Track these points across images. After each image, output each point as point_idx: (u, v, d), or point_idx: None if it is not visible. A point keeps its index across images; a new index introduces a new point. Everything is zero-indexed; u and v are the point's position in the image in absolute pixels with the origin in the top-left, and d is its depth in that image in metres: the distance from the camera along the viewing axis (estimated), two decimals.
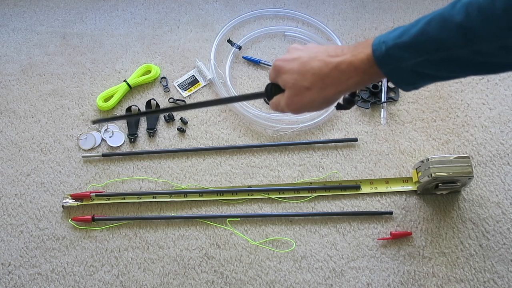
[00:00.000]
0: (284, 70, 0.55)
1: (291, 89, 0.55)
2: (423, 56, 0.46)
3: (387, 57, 0.47)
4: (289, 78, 0.54)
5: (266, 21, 1.07)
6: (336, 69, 0.51)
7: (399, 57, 0.47)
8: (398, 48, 0.46)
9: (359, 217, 0.84)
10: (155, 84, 1.01)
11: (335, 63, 0.51)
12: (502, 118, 0.91)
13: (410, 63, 0.47)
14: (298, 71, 0.53)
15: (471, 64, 0.45)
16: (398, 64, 0.47)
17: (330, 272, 0.80)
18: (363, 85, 0.52)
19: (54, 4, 1.14)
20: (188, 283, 0.81)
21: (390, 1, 1.08)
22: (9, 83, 1.03)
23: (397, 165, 0.88)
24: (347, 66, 0.50)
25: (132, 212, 0.88)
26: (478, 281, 0.78)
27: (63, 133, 0.96)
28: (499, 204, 0.83)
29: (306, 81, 0.53)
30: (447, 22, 0.43)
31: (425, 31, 0.45)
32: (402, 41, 0.46)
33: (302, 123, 0.92)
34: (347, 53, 0.51)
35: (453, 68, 0.46)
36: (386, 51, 0.47)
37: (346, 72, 0.50)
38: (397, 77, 0.49)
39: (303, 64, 0.53)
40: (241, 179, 0.89)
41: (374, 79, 0.51)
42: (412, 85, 0.51)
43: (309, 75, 0.52)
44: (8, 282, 0.82)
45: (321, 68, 0.52)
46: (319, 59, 0.52)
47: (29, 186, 0.91)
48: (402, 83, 0.50)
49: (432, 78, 0.49)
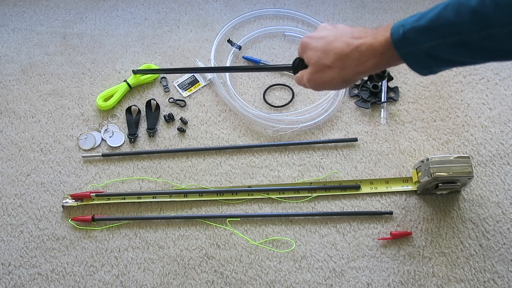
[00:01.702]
0: (310, 47, 0.58)
1: (313, 66, 0.57)
2: (438, 40, 0.47)
3: (404, 40, 0.49)
4: (313, 55, 0.57)
5: (266, 21, 1.07)
6: (356, 50, 0.53)
7: (415, 40, 0.48)
8: (415, 31, 0.48)
9: (359, 217, 0.84)
10: (155, 84, 1.01)
11: (356, 45, 0.53)
12: (502, 118, 0.91)
13: (425, 46, 0.48)
14: (322, 49, 0.56)
15: (483, 49, 0.46)
16: (414, 47, 0.49)
17: (330, 272, 0.80)
18: (381, 67, 0.54)
19: (54, 4, 1.14)
20: (188, 283, 0.81)
21: (390, 1, 1.08)
22: (9, 83, 1.03)
23: (397, 165, 0.88)
24: (367, 48, 0.52)
25: (132, 212, 0.88)
26: (478, 281, 0.78)
27: (63, 133, 0.96)
28: (499, 204, 0.83)
29: (328, 60, 0.55)
30: (462, 7, 0.44)
31: (441, 15, 0.46)
32: (419, 25, 0.47)
33: (302, 123, 0.92)
34: (369, 35, 0.52)
35: (467, 52, 0.47)
36: (403, 34, 0.49)
37: (365, 54, 0.52)
38: (413, 60, 0.50)
39: (328, 43, 0.55)
40: (241, 179, 0.89)
41: (391, 62, 0.52)
42: (428, 69, 0.52)
43: (331, 54, 0.55)
44: (8, 282, 0.82)
45: (342, 48, 0.54)
46: (342, 40, 0.54)
47: (29, 186, 0.91)
48: (418, 66, 0.51)
49: (447, 63, 0.50)
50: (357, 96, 0.95)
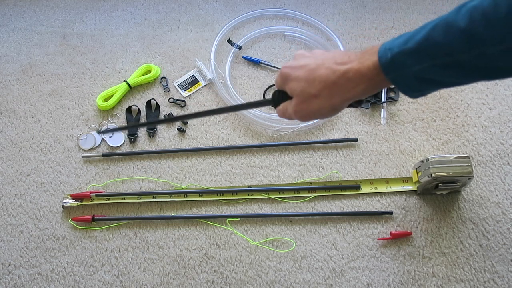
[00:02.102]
0: (292, 77, 0.55)
1: (298, 97, 0.54)
2: (428, 62, 0.45)
3: (393, 64, 0.47)
4: (296, 86, 0.54)
5: (266, 21, 1.07)
6: (343, 76, 0.50)
7: (404, 64, 0.47)
8: (404, 54, 0.46)
9: (359, 217, 0.84)
10: (155, 84, 1.01)
11: (342, 71, 0.50)
12: (502, 118, 0.91)
13: (415, 69, 0.46)
14: (306, 79, 0.53)
15: (475, 68, 0.45)
16: (404, 71, 0.47)
17: (330, 272, 0.80)
18: (370, 92, 0.52)
19: (54, 4, 1.14)
20: (188, 283, 0.81)
21: (390, 1, 1.08)
22: (9, 83, 1.03)
23: (397, 165, 0.88)
24: (354, 73, 0.50)
25: (132, 212, 0.88)
26: (478, 281, 0.78)
27: (63, 133, 0.96)
28: (499, 204, 0.83)
29: (314, 89, 0.52)
30: (451, 28, 0.43)
31: (430, 37, 0.45)
32: (407, 47, 0.46)
33: (302, 123, 0.92)
34: (354, 60, 0.50)
35: (458, 73, 0.46)
36: (391, 58, 0.47)
37: (353, 80, 0.50)
38: (403, 84, 0.49)
39: (311, 71, 0.53)
40: (241, 179, 0.89)
41: (381, 86, 0.51)
42: (419, 92, 0.50)
43: (316, 82, 0.52)
44: (8, 282, 0.82)
45: (328, 75, 0.51)
46: (326, 66, 0.52)
47: (29, 186, 0.91)
48: (409, 90, 0.50)
49: (438, 84, 0.49)
50: None
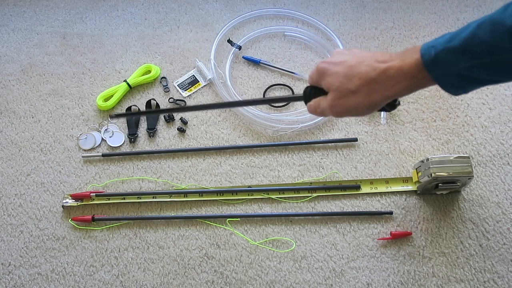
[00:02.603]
0: (330, 72, 0.54)
1: (335, 92, 0.54)
2: (473, 60, 0.45)
3: (437, 62, 0.47)
4: (335, 81, 0.54)
5: (266, 21, 1.07)
6: (384, 73, 0.50)
7: (448, 61, 0.47)
8: (448, 52, 0.46)
9: (359, 217, 0.84)
10: (155, 84, 1.01)
11: (383, 68, 0.50)
12: (502, 118, 0.91)
13: (460, 67, 0.46)
14: (344, 74, 0.53)
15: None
16: (448, 69, 0.47)
17: (330, 272, 0.80)
18: (411, 91, 0.52)
19: (54, 4, 1.14)
20: (188, 283, 0.81)
21: (390, 1, 1.08)
22: (9, 83, 1.03)
23: (397, 165, 0.88)
24: (396, 71, 0.50)
25: (132, 212, 0.88)
26: (478, 281, 0.78)
27: (63, 133, 0.96)
28: (499, 204, 0.83)
29: (352, 85, 0.52)
30: (498, 26, 0.43)
31: (475, 35, 0.45)
32: (452, 45, 0.46)
33: (302, 123, 0.92)
34: (396, 58, 0.50)
35: (503, 72, 0.46)
36: (435, 56, 0.47)
37: (394, 77, 0.50)
38: (446, 82, 0.49)
39: (350, 67, 0.53)
40: (241, 179, 0.89)
41: (422, 84, 0.51)
42: (462, 89, 0.51)
43: (356, 79, 0.52)
44: (8, 282, 0.82)
45: (368, 72, 0.51)
46: (366, 63, 0.52)
47: (29, 186, 0.91)
48: (451, 87, 0.50)
49: (481, 82, 0.49)
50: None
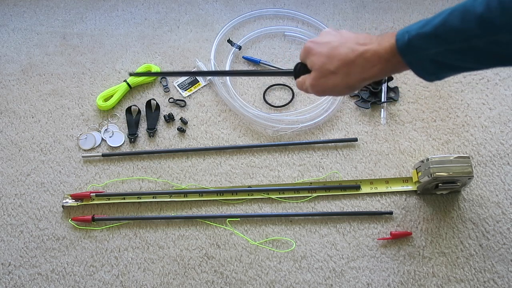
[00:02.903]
0: (314, 52, 0.57)
1: (317, 71, 0.57)
2: (444, 46, 0.47)
3: (410, 47, 0.49)
4: (317, 60, 0.57)
5: (266, 21, 1.07)
6: (361, 56, 0.53)
7: (420, 47, 0.48)
8: (420, 37, 0.48)
9: (359, 217, 0.84)
10: (155, 84, 1.01)
11: (361, 51, 0.53)
12: (502, 118, 0.91)
13: (431, 52, 0.48)
14: (327, 55, 0.56)
15: (489, 55, 0.46)
16: (420, 54, 0.49)
17: (330, 272, 0.80)
18: (386, 74, 0.54)
19: (54, 4, 1.14)
20: (188, 283, 0.81)
21: (390, 1, 1.08)
22: (9, 83, 1.03)
23: (397, 165, 0.88)
24: (372, 54, 0.52)
25: (132, 212, 0.88)
26: (478, 281, 0.78)
27: (63, 133, 0.96)
28: (499, 204, 0.83)
29: (332, 65, 0.55)
30: (468, 13, 0.44)
31: (447, 22, 0.46)
32: (424, 31, 0.48)
33: (302, 123, 0.92)
34: (374, 42, 0.53)
35: (473, 58, 0.47)
36: (408, 41, 0.49)
37: (370, 60, 0.52)
38: (418, 67, 0.51)
39: (332, 48, 0.55)
40: (241, 179, 0.89)
41: (397, 68, 0.52)
42: (434, 75, 0.52)
43: (335, 60, 0.55)
44: (8, 282, 0.82)
45: (347, 54, 0.54)
46: (347, 46, 0.54)
47: (29, 186, 0.91)
48: (424, 72, 0.51)
49: (453, 69, 0.51)
50: (357, 96, 0.95)
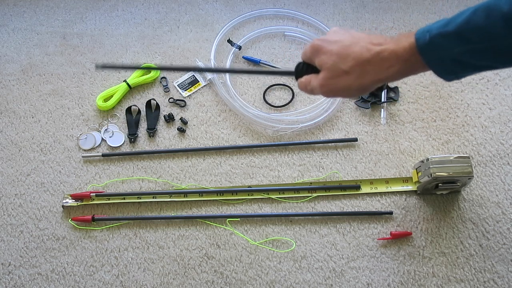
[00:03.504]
0: (324, 50, 0.54)
1: (328, 71, 0.54)
2: (467, 45, 0.46)
3: (431, 46, 0.47)
4: (328, 59, 0.53)
5: (266, 21, 1.07)
6: (378, 56, 0.50)
7: (442, 46, 0.47)
8: (443, 36, 0.47)
9: (359, 217, 0.84)
10: (155, 84, 1.01)
11: (377, 50, 0.51)
12: (502, 118, 0.91)
13: (453, 52, 0.47)
14: (338, 53, 0.52)
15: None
16: (441, 53, 0.47)
17: (330, 272, 0.80)
18: (403, 75, 0.52)
19: (54, 4, 1.14)
20: (188, 283, 0.81)
21: (390, 1, 1.08)
22: (9, 83, 1.03)
23: (397, 165, 0.88)
24: (389, 54, 0.50)
25: (132, 212, 0.88)
26: (478, 281, 0.78)
27: (63, 133, 0.96)
28: (499, 204, 0.83)
29: (346, 65, 0.52)
30: (493, 12, 0.43)
31: (470, 21, 0.45)
32: (447, 30, 0.46)
33: (302, 123, 0.92)
34: (390, 42, 0.51)
35: (496, 58, 0.46)
36: (430, 40, 0.47)
37: (387, 59, 0.50)
38: (439, 66, 0.49)
39: (345, 47, 0.52)
40: (241, 179, 0.89)
41: (415, 69, 0.51)
42: (454, 75, 0.51)
43: (349, 59, 0.52)
44: (8, 282, 0.82)
45: (362, 53, 0.51)
46: (361, 45, 0.52)
47: (29, 186, 0.91)
48: (444, 72, 0.50)
49: (474, 68, 0.49)
50: None
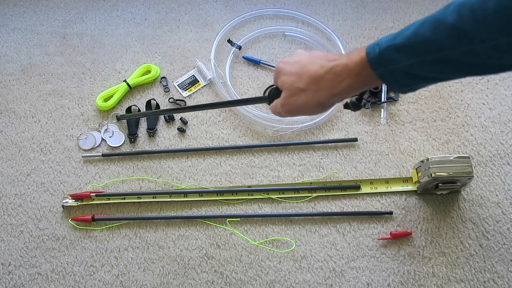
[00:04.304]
0: (284, 71, 0.57)
1: (287, 90, 0.56)
2: (416, 58, 0.46)
3: (381, 59, 0.48)
4: (287, 79, 0.56)
5: (266, 21, 1.07)
6: (330, 71, 0.52)
7: (392, 59, 0.47)
8: (392, 49, 0.47)
9: (359, 217, 0.84)
10: (155, 84, 1.01)
11: (330, 66, 0.52)
12: (502, 118, 0.91)
13: (403, 64, 0.47)
14: (296, 73, 0.55)
15: (464, 65, 0.45)
16: (392, 66, 0.48)
17: (330, 272, 0.80)
18: (357, 89, 0.53)
19: (54, 4, 1.14)
20: (188, 283, 0.81)
21: (390, 1, 1.08)
22: (9, 83, 1.03)
23: (397, 165, 0.88)
24: (342, 68, 0.51)
25: (132, 212, 0.88)
26: (478, 281, 0.78)
27: (63, 133, 0.96)
28: (499, 204, 0.83)
29: (302, 83, 0.54)
30: (439, 24, 0.44)
31: (418, 33, 0.45)
32: (396, 43, 0.47)
33: (302, 123, 0.92)
34: (344, 57, 0.52)
35: (446, 69, 0.46)
36: (379, 53, 0.48)
37: (340, 74, 0.51)
38: (391, 79, 0.49)
39: (302, 66, 0.55)
40: (241, 179, 0.89)
41: (368, 82, 0.51)
42: (407, 87, 0.51)
43: (305, 77, 0.54)
44: (8, 282, 0.82)
45: (317, 70, 0.53)
46: (317, 62, 0.53)
47: (29, 186, 0.91)
48: (397, 84, 0.50)
49: (427, 80, 0.49)
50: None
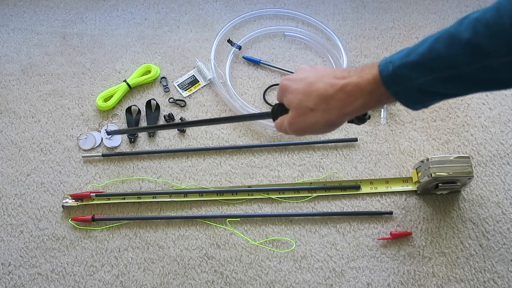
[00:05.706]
0: (290, 89, 0.54)
1: (294, 109, 0.54)
2: (431, 75, 0.45)
3: (395, 77, 0.46)
4: (294, 98, 0.53)
5: (266, 21, 1.07)
6: (341, 91, 0.49)
7: (407, 77, 0.46)
8: (406, 67, 0.46)
9: (359, 217, 0.84)
10: (155, 84, 1.01)
11: (340, 85, 0.49)
12: (502, 118, 0.91)
13: (418, 82, 0.46)
14: (303, 91, 0.52)
15: (479, 81, 0.44)
16: (406, 84, 0.46)
17: (330, 272, 0.80)
18: (369, 108, 0.51)
19: (54, 4, 1.14)
20: (188, 283, 0.81)
21: (390, 1, 1.08)
22: (9, 83, 1.03)
23: (397, 165, 0.88)
24: (353, 87, 0.49)
25: (132, 212, 0.88)
26: (478, 281, 0.78)
27: (63, 133, 0.96)
28: (499, 204, 0.83)
29: (310, 102, 0.52)
30: (454, 39, 0.43)
31: (433, 49, 0.44)
32: (410, 60, 0.45)
33: None
34: (354, 75, 0.50)
35: (462, 85, 0.45)
36: (393, 71, 0.46)
37: (352, 94, 0.49)
38: (405, 97, 0.48)
39: (309, 84, 0.52)
40: (241, 179, 0.89)
41: (381, 101, 0.49)
42: (420, 104, 0.49)
43: (313, 96, 0.51)
44: (8, 282, 0.82)
45: (326, 89, 0.50)
46: (325, 81, 0.51)
47: (29, 186, 0.91)
48: (411, 102, 0.49)
49: (441, 96, 0.48)
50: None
